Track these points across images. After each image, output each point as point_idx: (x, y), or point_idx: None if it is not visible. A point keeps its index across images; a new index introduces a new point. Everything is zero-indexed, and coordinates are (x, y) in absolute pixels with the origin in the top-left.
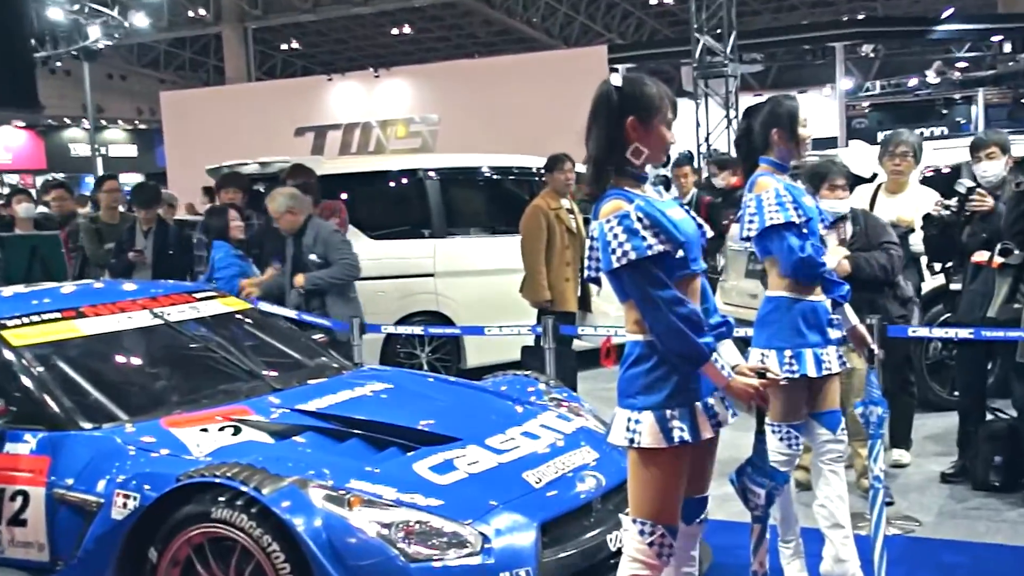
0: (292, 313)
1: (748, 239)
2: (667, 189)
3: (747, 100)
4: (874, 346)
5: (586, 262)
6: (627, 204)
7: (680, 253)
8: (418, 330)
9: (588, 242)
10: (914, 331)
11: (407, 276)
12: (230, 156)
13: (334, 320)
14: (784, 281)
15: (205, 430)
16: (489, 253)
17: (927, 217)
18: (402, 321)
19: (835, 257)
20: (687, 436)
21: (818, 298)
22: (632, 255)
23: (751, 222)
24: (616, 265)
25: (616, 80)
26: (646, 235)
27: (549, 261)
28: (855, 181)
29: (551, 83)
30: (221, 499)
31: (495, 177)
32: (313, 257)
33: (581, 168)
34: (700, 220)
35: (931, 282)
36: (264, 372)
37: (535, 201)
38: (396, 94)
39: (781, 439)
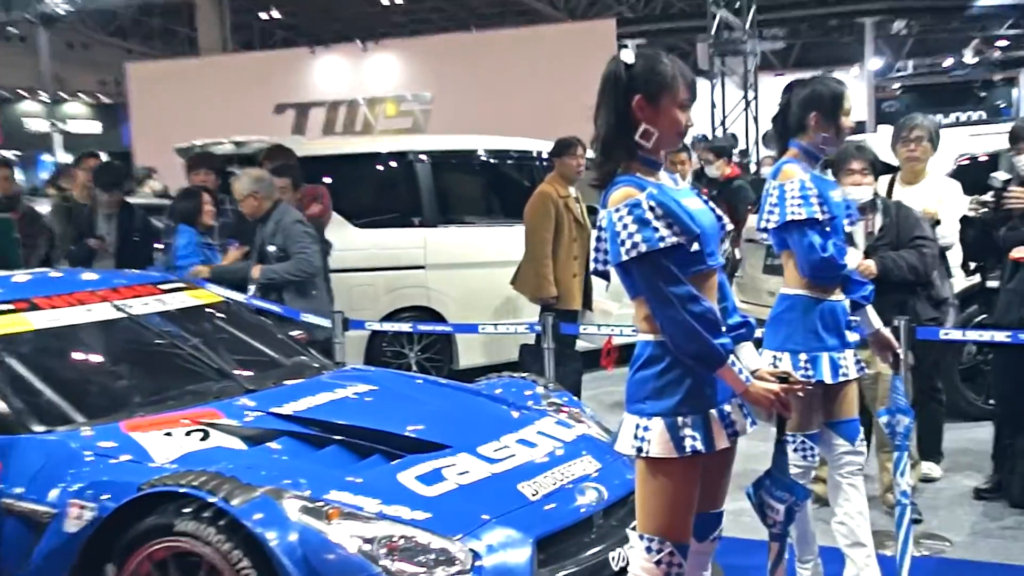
0: (276, 308)
1: (765, 230)
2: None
3: (767, 80)
4: (900, 350)
5: (592, 254)
6: (639, 192)
7: (696, 246)
8: (406, 327)
9: (595, 232)
10: (945, 333)
11: (395, 268)
12: (202, 134)
13: (288, 311)
14: (802, 279)
15: (170, 434)
16: (485, 244)
17: (965, 220)
18: (389, 317)
19: (854, 259)
20: (700, 446)
21: (838, 298)
22: (643, 247)
23: (771, 212)
24: (625, 258)
25: (627, 55)
26: (658, 226)
27: (556, 254)
28: (884, 169)
29: (554, 59)
30: (186, 510)
31: (492, 162)
32: (272, 248)
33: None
34: (719, 211)
35: (965, 281)
36: (236, 371)
37: (542, 187)
38: (385, 69)
39: (795, 450)
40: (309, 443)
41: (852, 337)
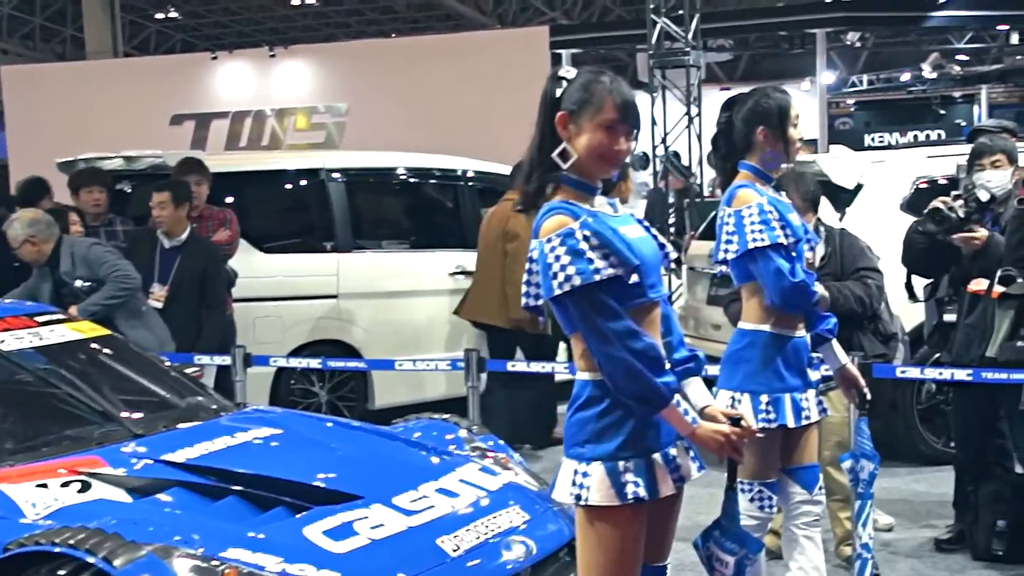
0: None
1: (724, 262)
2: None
3: (713, 94)
4: (867, 389)
5: (523, 288)
6: (572, 221)
7: (635, 278)
8: (315, 363)
9: (527, 264)
10: (903, 371)
11: (305, 298)
12: (89, 148)
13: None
14: (764, 313)
15: (44, 486)
16: (405, 272)
17: (933, 212)
18: (298, 352)
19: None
20: (643, 492)
21: (800, 334)
22: (577, 280)
23: (728, 242)
24: (558, 292)
25: (566, 71)
26: (593, 257)
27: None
28: (834, 193)
29: (483, 69)
30: (61, 573)
31: (414, 181)
32: (80, 283)
33: None
34: (663, 239)
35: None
36: (122, 414)
37: (499, 205)
38: (296, 77)
39: (752, 499)
40: (204, 494)
41: (814, 375)
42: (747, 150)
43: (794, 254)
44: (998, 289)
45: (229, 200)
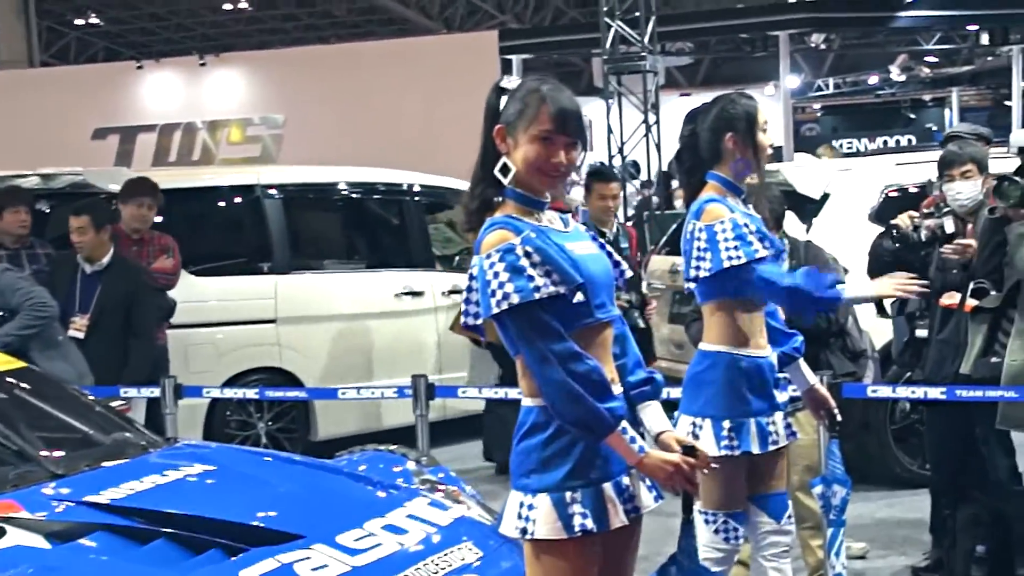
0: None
1: (695, 280)
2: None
3: (672, 101)
4: (837, 410)
5: (463, 307)
6: (513, 236)
7: (580, 297)
8: (252, 393)
9: (468, 281)
10: (874, 390)
11: (240, 323)
12: (2, 165)
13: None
14: (726, 332)
15: None
16: (348, 294)
17: (892, 230)
18: (233, 381)
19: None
20: (591, 524)
21: (764, 353)
22: (515, 298)
23: (700, 259)
24: (496, 310)
25: (507, 81)
26: (534, 274)
27: None
28: (800, 203)
29: (429, 76)
30: None
31: (356, 196)
32: None
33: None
34: (618, 257)
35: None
36: (41, 453)
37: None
38: (228, 87)
39: (717, 531)
40: (131, 538)
41: (781, 397)
42: (715, 160)
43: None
44: (971, 303)
45: (157, 220)
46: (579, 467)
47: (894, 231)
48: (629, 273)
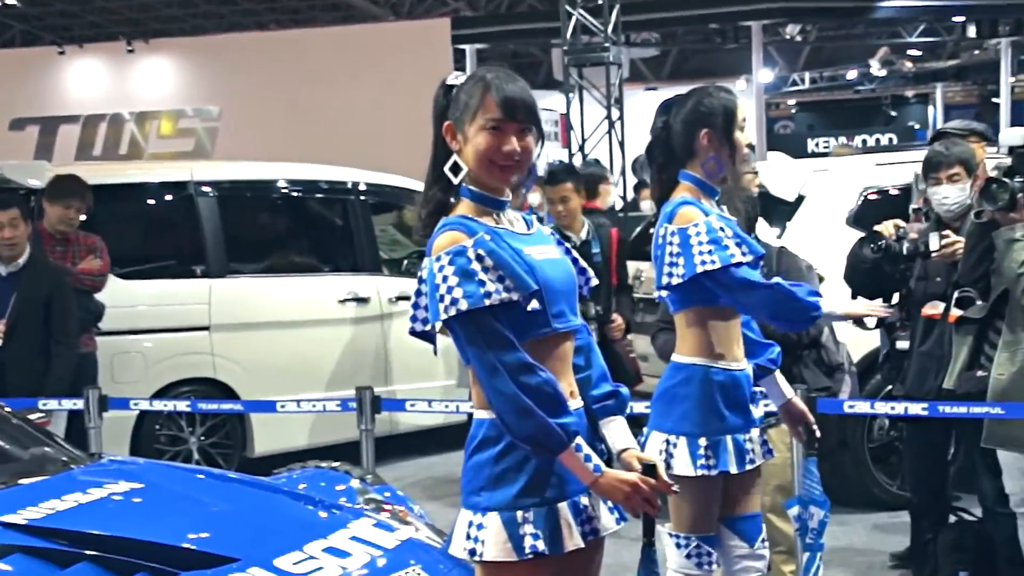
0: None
1: (668, 287)
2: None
3: (637, 95)
4: (816, 426)
5: (411, 311)
6: (466, 237)
7: (534, 305)
8: (184, 405)
9: (417, 285)
10: (851, 406)
11: (172, 330)
12: None
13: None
14: (700, 343)
15: None
16: (288, 299)
17: (873, 238)
18: (163, 393)
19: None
20: (542, 546)
21: (741, 366)
22: (464, 304)
23: (673, 265)
24: (444, 316)
25: (452, 77)
26: (485, 279)
27: None
28: (773, 206)
29: (375, 67)
30: None
31: (298, 195)
32: None
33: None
34: (584, 263)
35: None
36: None
37: None
38: (159, 76)
39: (689, 555)
40: (51, 561)
41: (757, 412)
42: (688, 157)
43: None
44: (955, 313)
45: (82, 218)
46: (532, 484)
47: (876, 241)
48: (595, 281)
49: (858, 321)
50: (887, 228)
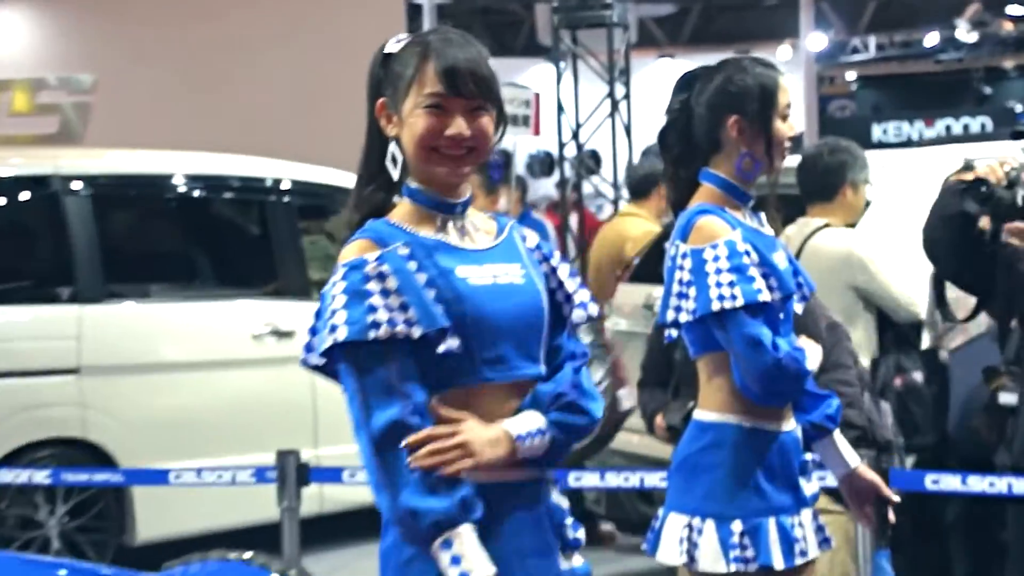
0: None
1: (676, 324)
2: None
3: (648, 66)
4: (896, 498)
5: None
6: (374, 249)
7: (453, 343)
8: (43, 476)
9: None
10: (935, 481)
11: (25, 373)
12: None
13: None
14: (732, 397)
15: None
16: (186, 333)
17: (977, 184)
18: (13, 458)
19: (814, 356)
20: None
21: (788, 427)
22: (341, 333)
23: (683, 297)
24: (324, 345)
25: (391, 43)
26: (378, 304)
27: None
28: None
29: (305, 28)
30: None
31: (199, 194)
32: None
33: None
34: (571, 288)
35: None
36: None
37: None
38: (12, 37)
39: None
40: None
41: (810, 488)
42: (712, 150)
43: (781, 316)
44: None
45: None
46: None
47: (979, 188)
48: (581, 314)
49: (942, 307)
50: (994, 171)
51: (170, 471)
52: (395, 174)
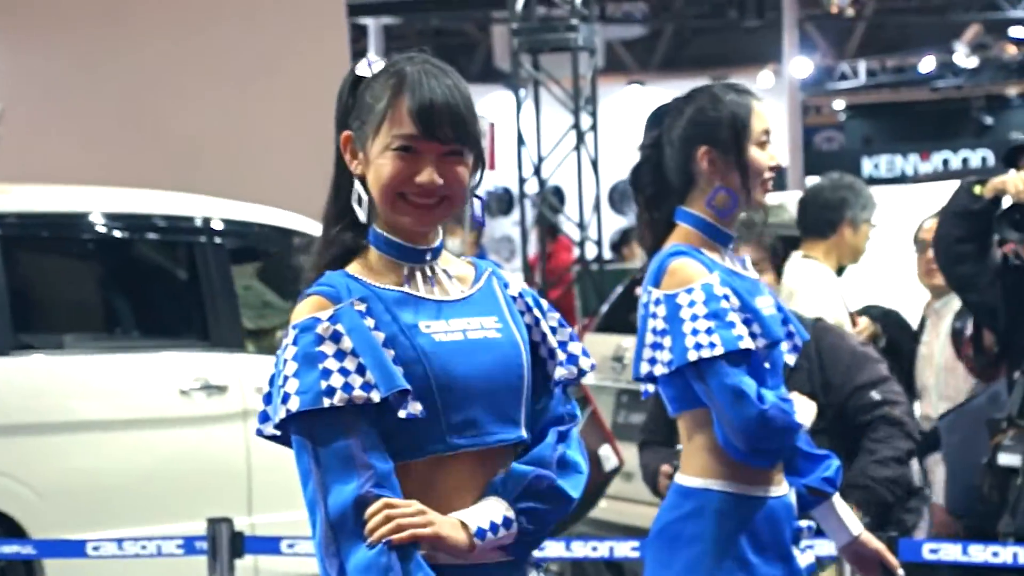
0: None
1: (651, 378)
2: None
3: (616, 93)
4: (900, 572)
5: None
6: (328, 306)
7: (415, 408)
8: None
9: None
10: (933, 550)
11: None
12: None
13: None
14: (716, 459)
15: None
16: (105, 388)
17: (1013, 211)
18: None
19: (806, 412)
20: None
21: (778, 491)
22: (293, 403)
23: (657, 347)
24: (277, 417)
25: (361, 65)
26: (332, 368)
27: None
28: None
29: (237, 48)
30: None
31: (121, 235)
32: None
33: None
34: (554, 342)
35: None
36: None
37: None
38: None
39: None
40: None
41: (804, 559)
42: (687, 189)
43: (767, 365)
44: None
45: None
46: None
47: (1015, 214)
48: (563, 372)
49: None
50: (1015, 184)
51: (87, 542)
52: (362, 216)
